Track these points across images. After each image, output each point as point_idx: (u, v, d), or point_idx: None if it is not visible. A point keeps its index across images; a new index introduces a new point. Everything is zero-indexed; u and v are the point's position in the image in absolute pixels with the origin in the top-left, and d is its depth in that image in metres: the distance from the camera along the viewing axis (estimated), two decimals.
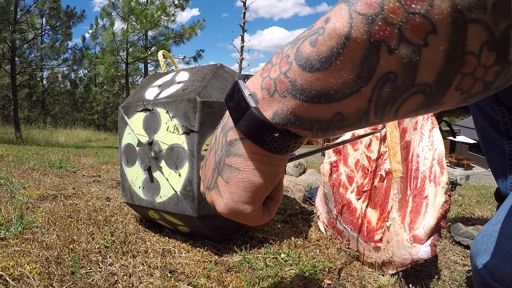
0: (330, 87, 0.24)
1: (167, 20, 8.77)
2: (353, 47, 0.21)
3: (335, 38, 0.22)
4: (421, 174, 0.79)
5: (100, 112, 18.07)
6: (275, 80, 0.27)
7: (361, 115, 0.25)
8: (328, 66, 0.23)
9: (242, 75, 0.32)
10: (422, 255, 0.70)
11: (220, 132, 0.33)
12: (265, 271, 0.79)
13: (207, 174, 0.35)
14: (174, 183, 0.84)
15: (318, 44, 0.23)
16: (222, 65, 0.96)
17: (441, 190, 0.73)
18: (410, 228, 0.74)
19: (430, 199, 0.74)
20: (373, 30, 0.21)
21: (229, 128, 0.31)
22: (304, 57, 0.24)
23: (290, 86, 0.25)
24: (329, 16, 0.23)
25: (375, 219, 0.87)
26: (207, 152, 0.36)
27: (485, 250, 0.53)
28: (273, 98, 0.27)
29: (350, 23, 0.21)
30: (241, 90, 0.29)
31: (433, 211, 0.72)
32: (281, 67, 0.26)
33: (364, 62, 0.22)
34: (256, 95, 0.28)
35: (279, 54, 0.27)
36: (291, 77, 0.25)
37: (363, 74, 0.22)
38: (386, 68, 0.21)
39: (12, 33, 7.76)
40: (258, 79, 0.29)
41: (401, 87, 0.22)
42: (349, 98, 0.24)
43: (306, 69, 0.24)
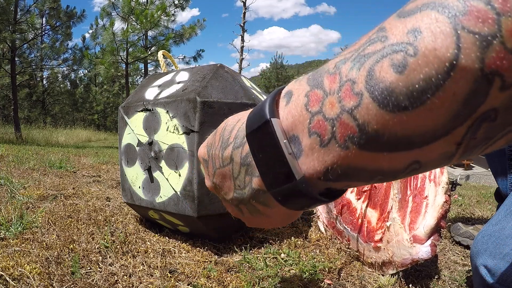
0: (415, 132, 0.17)
1: (167, 20, 8.76)
2: (460, 78, 0.15)
3: (436, 63, 0.16)
4: (421, 174, 0.79)
5: (100, 112, 18.07)
6: (334, 121, 0.19)
7: (443, 160, 0.19)
8: (421, 104, 0.16)
9: (272, 99, 0.23)
10: (422, 255, 0.70)
11: (241, 165, 0.26)
12: (265, 271, 0.79)
13: (224, 188, 0.30)
14: (174, 183, 0.84)
15: (408, 69, 0.16)
16: (222, 65, 0.96)
17: (441, 190, 0.73)
18: (410, 228, 0.74)
19: (430, 199, 0.74)
20: (488, 58, 0.15)
21: (254, 174, 0.25)
22: (385, 88, 0.17)
23: (358, 132, 0.18)
24: (417, 26, 0.16)
25: (375, 219, 0.87)
26: (214, 152, 0.30)
27: (485, 250, 0.53)
28: (327, 149, 0.19)
29: (456, 43, 0.15)
30: (278, 144, 0.21)
31: (433, 211, 0.72)
32: (342, 101, 0.18)
33: (469, 99, 0.16)
34: (301, 142, 0.21)
35: (335, 76, 0.19)
36: (362, 118, 0.18)
37: (463, 114, 0.16)
38: (490, 106, 0.16)
39: (12, 33, 7.76)
40: (302, 114, 0.20)
41: (498, 126, 0.17)
42: (435, 143, 0.17)
43: (388, 107, 0.17)
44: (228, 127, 0.28)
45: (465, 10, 0.15)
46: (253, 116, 0.24)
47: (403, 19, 0.17)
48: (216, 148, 0.29)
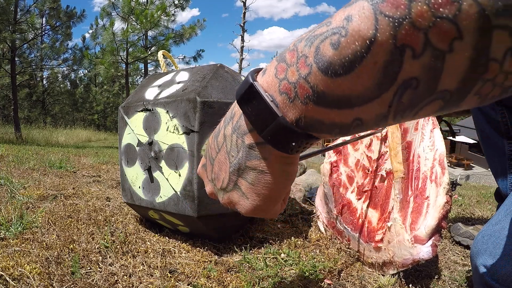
0: (351, 93, 0.23)
1: (167, 20, 8.77)
2: (378, 51, 0.20)
3: (360, 41, 0.21)
4: (422, 175, 0.79)
5: (100, 112, 18.07)
6: (295, 84, 0.25)
7: (380, 120, 0.24)
8: (351, 71, 0.22)
9: (252, 73, 0.30)
10: (423, 255, 0.70)
11: (232, 132, 0.31)
12: (265, 271, 0.79)
13: (221, 176, 0.34)
14: (174, 183, 0.84)
15: (341, 47, 0.22)
16: (222, 65, 0.96)
17: (442, 191, 0.73)
18: (411, 229, 0.74)
19: (431, 199, 0.74)
20: (399, 34, 0.19)
21: (245, 132, 0.30)
22: (326, 60, 0.23)
23: (312, 92, 0.24)
24: (350, 13, 0.22)
25: (375, 219, 0.87)
26: (211, 151, 0.35)
27: (485, 250, 0.53)
28: (294, 104, 0.26)
29: (375, 25, 0.20)
30: (262, 97, 0.27)
31: (434, 212, 0.72)
32: (299, 70, 0.24)
33: (387, 68, 0.21)
34: (275, 99, 0.27)
35: (293, 52, 0.25)
36: (312, 82, 0.24)
37: (385, 80, 0.21)
38: (408, 74, 0.21)
39: (12, 33, 7.76)
40: (273, 80, 0.27)
41: (422, 94, 0.22)
42: (370, 104, 0.23)
43: (328, 74, 0.23)
44: (216, 129, 0.35)
45: None
46: (239, 88, 0.29)
47: (344, 8, 0.23)
48: (210, 145, 0.35)
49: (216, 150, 0.34)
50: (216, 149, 0.34)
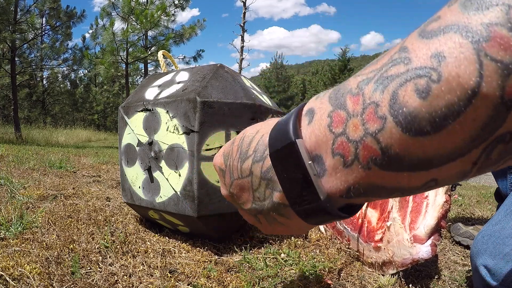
0: (435, 154, 0.18)
1: (167, 20, 8.76)
2: (480, 105, 0.16)
3: (458, 90, 0.16)
4: None
5: (100, 112, 18.07)
6: (357, 143, 0.19)
7: (457, 178, 0.19)
8: (442, 128, 0.17)
9: (295, 116, 0.23)
10: (422, 255, 0.70)
11: (262, 178, 0.26)
12: (265, 271, 0.79)
13: (242, 198, 0.30)
14: (174, 183, 0.84)
15: (432, 96, 0.16)
16: (222, 65, 0.96)
17: (441, 190, 0.73)
18: (410, 228, 0.74)
19: (430, 199, 0.74)
20: (508, 86, 0.15)
21: (276, 189, 0.25)
22: (409, 113, 0.17)
23: (381, 155, 0.19)
24: (441, 50, 0.17)
25: (375, 219, 0.87)
26: (232, 167, 0.30)
27: (485, 250, 0.53)
28: (350, 170, 0.20)
29: (479, 71, 0.15)
30: (303, 165, 0.21)
31: (434, 211, 0.72)
32: (366, 124, 0.19)
33: (487, 125, 0.16)
34: (324, 162, 0.21)
35: (358, 97, 0.19)
36: (385, 142, 0.18)
37: (480, 138, 0.17)
38: (507, 129, 0.16)
39: (12, 33, 7.76)
40: (326, 135, 0.21)
41: (511, 147, 0.17)
42: (452, 163, 0.18)
43: (411, 132, 0.17)
44: (246, 138, 0.29)
45: (488, 36, 0.15)
46: (276, 134, 0.24)
47: (426, 41, 0.17)
48: (234, 159, 0.29)
49: (239, 174, 0.29)
50: (239, 174, 0.29)
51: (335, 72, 17.65)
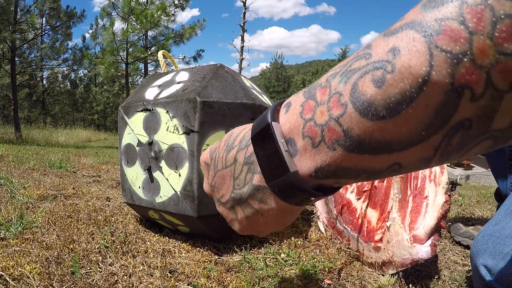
0: (393, 138, 0.20)
1: (167, 20, 8.76)
2: (431, 92, 0.18)
3: (410, 79, 0.18)
4: (421, 174, 0.79)
5: (100, 112, 18.08)
6: (323, 127, 0.22)
7: (421, 163, 0.21)
8: (397, 114, 0.19)
9: (274, 107, 0.27)
10: (422, 255, 0.70)
11: (244, 164, 0.29)
12: (265, 271, 0.79)
13: (221, 191, 0.33)
14: (174, 183, 0.84)
15: (386, 84, 0.19)
16: (222, 65, 0.96)
17: (441, 190, 0.73)
18: (410, 228, 0.74)
19: (430, 199, 0.74)
20: (458, 73, 0.17)
21: (255, 171, 0.28)
22: (366, 100, 0.20)
23: (343, 137, 0.21)
24: (397, 45, 0.19)
25: (375, 219, 0.87)
26: (218, 159, 0.32)
27: (485, 250, 0.53)
28: (318, 150, 0.23)
29: (429, 61, 0.17)
30: (276, 143, 0.24)
31: (433, 211, 0.72)
32: (330, 110, 0.21)
33: (440, 110, 0.18)
34: (296, 143, 0.24)
35: (325, 89, 0.22)
36: (346, 125, 0.21)
37: (436, 123, 0.19)
38: (462, 116, 0.18)
39: (12, 33, 7.76)
40: (297, 120, 0.24)
41: (473, 135, 0.19)
42: (413, 148, 0.20)
43: (368, 116, 0.20)
44: (233, 134, 0.32)
45: (439, 29, 0.17)
46: (257, 122, 0.27)
47: (387, 38, 0.20)
48: (220, 151, 0.32)
49: (223, 164, 0.31)
50: (223, 164, 0.31)
51: None
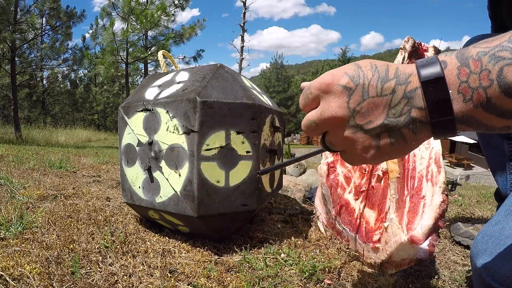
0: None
1: (167, 20, 8.76)
2: None
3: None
4: (418, 174, 0.79)
5: (100, 112, 18.08)
6: (473, 90, 0.31)
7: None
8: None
9: (436, 59, 0.34)
10: (420, 255, 0.70)
11: (403, 97, 0.35)
12: (265, 271, 0.79)
13: (369, 117, 0.36)
14: (174, 183, 0.84)
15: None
16: (222, 65, 0.96)
17: (439, 190, 0.73)
18: (407, 229, 0.74)
19: (427, 199, 0.74)
20: None
21: (417, 106, 0.34)
22: (507, 83, 0.29)
23: (486, 102, 0.30)
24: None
25: (373, 219, 0.87)
26: (371, 87, 0.36)
27: (485, 250, 0.53)
28: (466, 104, 0.32)
29: None
30: (448, 93, 0.32)
31: (431, 211, 0.71)
32: (481, 80, 0.31)
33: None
34: (451, 95, 0.32)
35: (478, 62, 0.31)
36: (490, 95, 0.30)
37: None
38: None
39: (12, 33, 7.76)
40: (455, 79, 0.32)
41: None
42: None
43: (506, 93, 0.29)
44: (379, 67, 0.37)
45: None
46: (426, 68, 0.34)
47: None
48: (371, 80, 0.37)
49: (377, 92, 0.36)
50: (378, 91, 0.36)
51: None
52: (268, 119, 0.97)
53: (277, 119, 1.05)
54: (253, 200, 0.89)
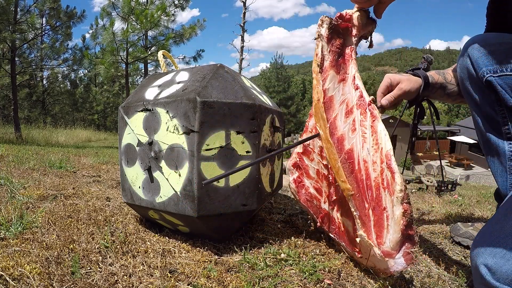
0: None
1: (167, 20, 8.76)
2: None
3: None
4: (374, 182, 0.74)
5: (100, 112, 18.08)
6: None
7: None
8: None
9: None
10: (397, 267, 0.68)
11: None
12: (265, 271, 0.79)
13: None
14: (174, 183, 0.84)
15: None
16: (222, 65, 0.96)
17: (397, 201, 0.68)
18: (378, 243, 0.72)
19: (389, 210, 0.70)
20: None
21: None
22: None
23: None
24: None
25: (351, 228, 0.84)
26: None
27: (485, 249, 0.53)
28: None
29: None
30: None
31: (395, 225, 0.68)
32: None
33: None
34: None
35: None
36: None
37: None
38: None
39: (12, 33, 7.76)
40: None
41: None
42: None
43: None
44: None
45: None
46: None
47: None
48: None
49: None
50: None
51: None
52: (268, 119, 0.97)
53: (277, 119, 1.05)
54: (253, 200, 0.89)
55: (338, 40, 0.90)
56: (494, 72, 0.70)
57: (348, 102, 0.86)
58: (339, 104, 0.88)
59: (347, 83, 0.89)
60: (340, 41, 0.90)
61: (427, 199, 2.08)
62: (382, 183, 0.73)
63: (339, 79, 0.89)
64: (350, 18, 0.88)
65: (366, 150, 0.77)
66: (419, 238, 1.16)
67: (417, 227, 1.29)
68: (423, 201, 2.00)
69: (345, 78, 0.89)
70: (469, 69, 0.76)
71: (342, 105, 0.87)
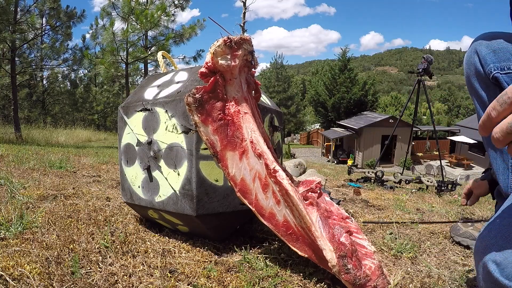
0: None
1: (167, 20, 8.76)
2: None
3: None
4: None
5: (100, 112, 18.07)
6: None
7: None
8: None
9: None
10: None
11: None
12: (265, 271, 0.79)
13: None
14: (173, 182, 0.84)
15: None
16: None
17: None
18: None
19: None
20: None
21: None
22: None
23: None
24: None
25: None
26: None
27: (493, 245, 0.52)
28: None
29: None
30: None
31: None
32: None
33: None
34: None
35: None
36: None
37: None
38: None
39: (12, 33, 7.76)
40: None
41: None
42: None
43: None
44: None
45: None
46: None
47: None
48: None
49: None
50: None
51: (335, 72, 17.63)
52: (267, 118, 0.97)
53: (276, 118, 1.05)
54: None
55: (217, 104, 0.74)
56: (502, 70, 0.70)
57: (260, 175, 0.76)
58: (253, 183, 0.77)
59: (249, 154, 0.76)
60: (220, 104, 0.75)
61: (427, 199, 2.08)
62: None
63: (239, 153, 0.76)
64: (213, 68, 0.73)
65: (297, 218, 0.73)
66: (419, 238, 1.16)
67: (417, 227, 1.29)
68: (423, 201, 2.00)
69: (244, 149, 0.76)
70: (476, 65, 0.76)
71: (256, 181, 0.76)
